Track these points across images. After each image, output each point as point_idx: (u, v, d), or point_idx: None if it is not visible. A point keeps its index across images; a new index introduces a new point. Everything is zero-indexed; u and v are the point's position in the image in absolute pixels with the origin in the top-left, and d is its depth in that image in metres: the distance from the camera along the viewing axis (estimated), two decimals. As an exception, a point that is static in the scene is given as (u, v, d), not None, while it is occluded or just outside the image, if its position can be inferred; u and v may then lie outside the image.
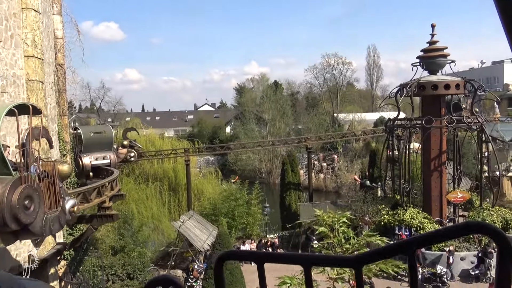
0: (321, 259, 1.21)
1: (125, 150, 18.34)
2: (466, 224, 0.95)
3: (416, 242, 0.98)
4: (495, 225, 1.00)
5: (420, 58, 21.83)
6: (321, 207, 23.80)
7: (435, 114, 20.85)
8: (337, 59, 64.44)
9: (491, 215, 19.66)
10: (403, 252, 0.99)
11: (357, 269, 1.04)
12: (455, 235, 0.96)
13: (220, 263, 1.15)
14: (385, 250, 1.03)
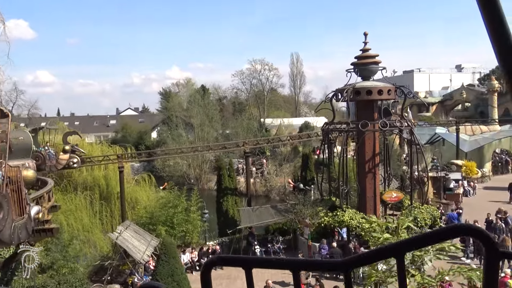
0: (309, 263, 1.22)
1: (67, 155, 16.79)
2: (455, 227, 0.99)
3: (405, 246, 1.01)
4: (482, 228, 0.97)
5: (354, 65, 22.70)
6: (261, 212, 23.86)
7: (369, 118, 21.77)
8: (264, 65, 65.44)
9: (421, 213, 20.90)
10: (393, 255, 1.01)
11: (346, 273, 1.05)
12: (444, 237, 0.99)
13: (208, 269, 1.14)
14: (374, 254, 1.04)
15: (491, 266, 0.97)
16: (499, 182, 36.38)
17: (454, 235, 0.99)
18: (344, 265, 1.05)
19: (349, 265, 1.04)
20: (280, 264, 1.15)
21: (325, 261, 1.16)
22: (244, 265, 1.15)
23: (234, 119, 61.75)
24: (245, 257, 1.19)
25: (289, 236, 23.67)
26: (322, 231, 21.55)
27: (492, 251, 0.96)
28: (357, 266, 1.06)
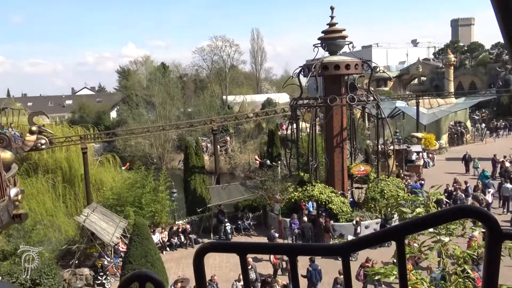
0: (306, 248, 1.18)
1: (34, 137, 15.80)
2: (457, 208, 0.96)
3: (406, 229, 1.00)
4: (485, 209, 0.93)
5: (321, 39, 22.62)
6: (231, 189, 23.74)
7: (337, 93, 21.88)
8: (225, 41, 64.40)
9: (388, 185, 21.45)
10: (393, 239, 1.00)
11: (345, 256, 1.05)
12: (446, 219, 0.97)
13: (200, 257, 1.12)
14: (374, 237, 1.03)
15: (493, 247, 0.96)
16: (455, 153, 37.93)
17: (455, 216, 0.97)
18: (343, 249, 1.04)
19: (348, 249, 1.04)
20: (277, 250, 1.15)
21: (323, 245, 1.17)
22: (239, 251, 1.11)
23: (196, 97, 60.79)
24: (239, 243, 1.14)
25: (259, 212, 23.76)
26: (292, 206, 21.75)
27: (495, 233, 0.95)
28: (357, 250, 1.05)
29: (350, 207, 20.77)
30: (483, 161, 31.31)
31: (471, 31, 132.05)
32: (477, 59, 68.07)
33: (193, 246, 21.18)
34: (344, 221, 20.14)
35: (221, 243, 1.19)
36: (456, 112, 41.52)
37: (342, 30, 22.51)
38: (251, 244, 1.20)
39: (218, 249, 1.17)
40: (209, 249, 1.13)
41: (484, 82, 63.90)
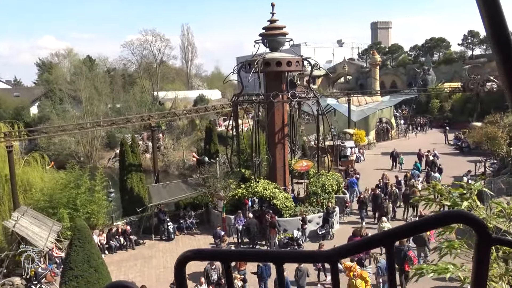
0: (293, 255, 1.14)
1: None
2: (446, 214, 0.98)
3: (395, 235, 0.99)
4: (474, 214, 0.95)
5: (262, 36, 22.65)
6: (172, 187, 23.07)
7: (278, 89, 22.07)
8: (155, 35, 62.54)
9: (328, 180, 22.04)
10: (382, 245, 0.99)
11: (333, 263, 1.04)
12: (435, 225, 0.98)
13: (182, 265, 1.08)
14: (363, 243, 1.03)
15: (483, 253, 0.96)
16: (382, 149, 40.11)
17: (445, 222, 0.97)
18: (331, 256, 1.02)
19: (336, 255, 1.02)
20: (262, 257, 1.10)
21: (311, 252, 1.11)
22: (223, 259, 1.07)
23: (125, 93, 58.44)
24: (223, 251, 1.10)
25: (201, 210, 23.36)
26: (236, 203, 21.63)
27: (484, 237, 0.95)
28: (345, 256, 1.03)
29: (293, 203, 21.08)
30: (408, 155, 33.48)
31: (389, 34, 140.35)
32: (397, 60, 72.51)
33: (134, 248, 20.32)
34: (288, 216, 20.39)
35: (205, 250, 1.13)
36: (382, 109, 43.88)
37: (283, 27, 22.71)
38: (236, 251, 1.16)
39: (201, 257, 1.12)
40: (191, 257, 1.08)
41: (403, 82, 68.20)
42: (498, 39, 0.91)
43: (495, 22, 0.91)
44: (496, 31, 0.91)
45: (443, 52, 67.55)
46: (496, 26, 0.91)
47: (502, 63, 0.92)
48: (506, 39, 0.91)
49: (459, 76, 62.54)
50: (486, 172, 26.23)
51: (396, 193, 22.56)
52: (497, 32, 0.91)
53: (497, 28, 0.91)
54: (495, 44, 0.93)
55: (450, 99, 54.27)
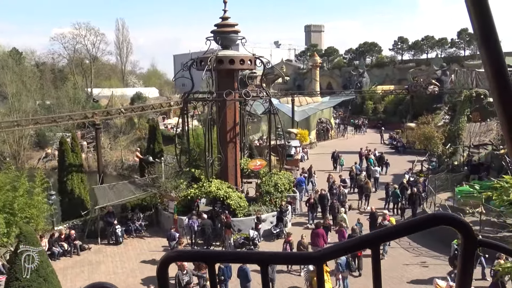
0: (279, 257, 1.12)
1: None
2: (432, 216, 0.97)
3: (381, 237, 1.00)
4: (460, 216, 0.96)
5: (214, 33, 22.25)
6: (119, 188, 21.97)
7: (230, 87, 21.79)
8: (89, 29, 59.45)
9: (280, 179, 22.13)
10: (368, 247, 1.00)
11: (319, 265, 1.05)
12: (421, 228, 0.98)
13: (165, 266, 1.05)
14: (349, 245, 1.03)
15: (468, 255, 0.96)
16: (323, 148, 41.23)
17: (431, 225, 0.97)
18: (317, 258, 1.02)
19: (323, 257, 1.02)
20: (247, 259, 1.08)
21: (297, 253, 1.11)
22: (207, 260, 1.05)
23: (56, 89, 54.94)
24: (208, 252, 1.07)
25: (150, 211, 22.46)
26: (188, 204, 21.05)
27: (470, 240, 0.96)
28: (332, 258, 1.02)
29: (247, 202, 20.90)
30: (348, 154, 34.68)
31: (321, 37, 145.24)
32: (333, 63, 75.10)
33: (79, 254, 19.03)
34: (242, 216, 20.18)
35: (188, 251, 1.12)
36: (323, 110, 45.09)
37: (235, 24, 22.47)
38: (220, 252, 1.15)
39: (185, 257, 1.11)
40: (175, 258, 1.05)
41: (339, 84, 70.71)
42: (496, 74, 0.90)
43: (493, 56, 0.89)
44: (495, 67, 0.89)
45: (375, 56, 70.91)
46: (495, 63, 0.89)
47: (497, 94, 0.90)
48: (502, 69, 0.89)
49: (390, 79, 66.10)
50: (423, 170, 27.79)
51: (345, 193, 23.07)
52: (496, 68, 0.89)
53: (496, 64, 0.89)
54: (492, 78, 0.90)
55: (383, 101, 57.06)
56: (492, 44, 0.89)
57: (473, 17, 0.89)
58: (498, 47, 0.89)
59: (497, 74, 0.90)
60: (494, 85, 0.90)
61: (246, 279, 14.02)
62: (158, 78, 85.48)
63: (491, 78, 0.90)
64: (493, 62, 0.89)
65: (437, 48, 65.10)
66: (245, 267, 14.05)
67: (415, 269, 16.37)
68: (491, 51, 0.89)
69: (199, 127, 29.79)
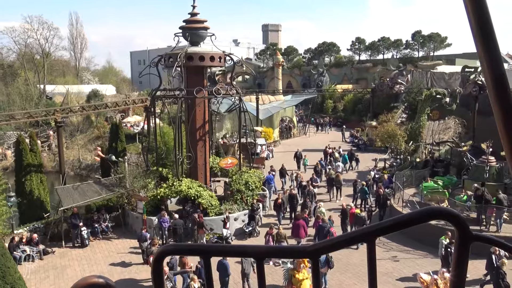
0: (274, 251, 1.14)
1: None
2: (428, 210, 0.99)
3: (377, 231, 1.00)
4: (455, 211, 0.99)
5: (183, 29, 21.79)
6: (84, 189, 21.08)
7: (200, 85, 21.42)
8: (42, 23, 56.73)
9: (251, 177, 22.03)
10: (364, 241, 1.01)
11: (314, 259, 1.04)
12: (417, 222, 0.99)
13: (160, 260, 1.06)
14: (345, 240, 1.03)
15: (462, 249, 0.97)
16: (286, 146, 41.49)
17: (427, 219, 0.97)
18: (312, 252, 1.02)
19: (318, 251, 1.03)
20: (243, 252, 1.09)
21: (292, 247, 1.11)
22: (203, 254, 1.06)
23: (5, 85, 52.07)
24: (203, 245, 1.11)
25: (116, 212, 21.70)
26: (157, 204, 20.52)
27: (464, 234, 0.96)
28: (326, 252, 1.03)
29: (218, 201, 20.63)
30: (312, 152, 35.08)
31: (278, 36, 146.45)
32: (293, 62, 75.72)
33: (42, 258, 18.06)
34: (214, 215, 19.89)
35: (184, 245, 1.11)
36: (285, 108, 45.37)
37: (204, 20, 22.11)
38: (216, 246, 1.19)
39: (180, 251, 1.10)
40: (171, 252, 1.06)
41: (298, 82, 71.49)
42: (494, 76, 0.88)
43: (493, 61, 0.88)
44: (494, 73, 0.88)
45: (333, 56, 72.20)
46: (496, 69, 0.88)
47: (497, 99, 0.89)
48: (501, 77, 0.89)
49: (348, 79, 67.56)
50: (386, 167, 28.55)
51: (314, 193, 22.98)
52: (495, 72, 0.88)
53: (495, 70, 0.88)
54: (491, 81, 0.89)
55: (342, 100, 58.19)
56: (492, 46, 0.87)
57: (471, 17, 0.87)
58: (497, 49, 0.88)
59: (496, 80, 0.87)
60: (494, 92, 0.88)
61: (225, 272, 13.87)
62: (115, 75, 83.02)
63: (491, 83, 0.88)
64: (493, 67, 0.87)
65: (392, 49, 67.10)
66: (225, 261, 13.89)
67: (387, 264, 16.72)
68: (491, 54, 0.87)
69: (164, 125, 29.12)
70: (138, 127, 49.87)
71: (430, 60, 60.91)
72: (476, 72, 25.42)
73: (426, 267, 15.68)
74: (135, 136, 41.17)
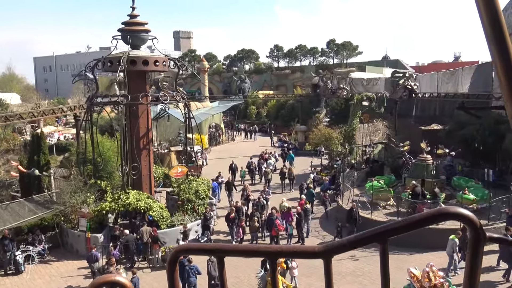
0: (286, 251, 1.14)
1: None
2: (441, 211, 0.99)
3: (390, 231, 1.00)
4: (470, 212, 1.00)
5: (122, 31, 20.46)
6: (14, 208, 18.79)
7: (142, 90, 20.26)
8: None
9: (200, 185, 21.24)
10: (376, 241, 1.01)
11: (327, 260, 1.05)
12: (430, 222, 0.99)
13: (175, 260, 1.08)
14: (357, 240, 1.03)
15: (477, 249, 0.98)
16: (217, 153, 40.99)
17: (440, 219, 0.99)
18: (325, 253, 1.03)
19: (330, 252, 1.03)
20: (256, 253, 1.12)
21: (305, 248, 1.11)
22: (217, 254, 1.09)
23: None
24: (217, 245, 1.13)
25: (52, 232, 19.60)
26: (101, 220, 18.92)
27: (478, 235, 0.97)
28: (339, 252, 1.04)
29: (169, 212, 19.57)
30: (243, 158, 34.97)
31: (190, 43, 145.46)
32: (212, 68, 75.36)
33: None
34: (166, 228, 18.82)
35: (197, 245, 1.19)
36: (213, 115, 44.85)
37: (145, 23, 20.98)
38: (229, 246, 1.19)
39: (194, 251, 1.12)
40: (185, 252, 1.09)
41: (219, 89, 71.32)
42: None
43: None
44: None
45: (253, 62, 73.19)
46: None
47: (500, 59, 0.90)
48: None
49: (268, 85, 68.90)
50: (323, 170, 29.38)
51: (263, 204, 22.18)
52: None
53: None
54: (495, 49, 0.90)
55: (265, 106, 59.08)
56: (503, 42, 0.88)
57: (483, 15, 0.86)
58: (508, 44, 0.88)
59: (508, 72, 0.88)
60: (506, 83, 0.88)
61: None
62: (18, 83, 76.05)
63: (504, 76, 0.88)
64: (505, 61, 0.88)
65: (309, 56, 69.78)
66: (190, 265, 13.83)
67: (348, 263, 17.05)
68: (502, 50, 0.87)
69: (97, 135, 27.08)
70: (53, 138, 46.07)
71: (344, 67, 64.30)
72: (404, 77, 27.32)
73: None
74: (52, 147, 37.90)
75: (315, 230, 20.84)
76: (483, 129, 26.38)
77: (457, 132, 27.46)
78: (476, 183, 21.48)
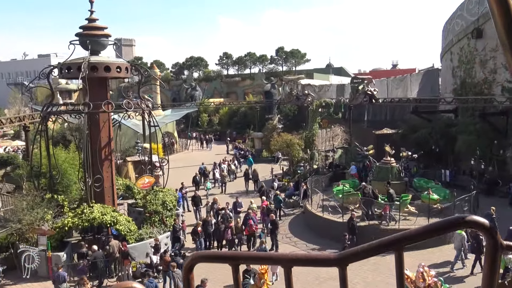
0: (302, 258, 1.13)
1: None
2: (457, 219, 0.99)
3: (406, 239, 0.99)
4: (487, 221, 0.99)
5: (81, 36, 19.33)
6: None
7: (103, 98, 19.24)
8: None
9: (167, 196, 20.43)
10: (393, 248, 1.01)
11: (342, 268, 1.05)
12: (446, 230, 0.99)
13: (191, 268, 1.10)
14: (373, 247, 1.03)
15: (493, 257, 0.97)
16: (172, 163, 39.79)
17: (456, 227, 0.99)
18: (340, 261, 1.03)
19: (346, 260, 1.03)
20: (271, 260, 1.14)
21: (321, 255, 1.11)
22: (232, 262, 1.10)
23: None
24: (231, 253, 1.17)
25: (6, 253, 17.98)
26: (62, 237, 17.62)
27: (496, 243, 0.96)
28: (354, 260, 1.03)
29: (136, 226, 18.59)
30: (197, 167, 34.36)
31: (133, 51, 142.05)
32: (160, 76, 73.81)
33: None
34: (134, 242, 17.85)
35: (214, 252, 1.44)
36: (167, 123, 43.76)
37: (105, 27, 19.96)
38: (244, 254, 1.23)
39: (209, 259, 1.13)
40: (199, 260, 1.10)
41: (168, 97, 69.83)
42: None
43: None
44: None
45: (202, 70, 72.50)
46: None
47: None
48: None
49: (219, 92, 68.47)
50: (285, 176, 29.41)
51: (229, 216, 21.46)
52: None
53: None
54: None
55: (217, 113, 58.60)
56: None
57: (498, 23, 0.86)
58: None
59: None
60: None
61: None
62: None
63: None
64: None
65: (258, 64, 70.22)
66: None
67: (323, 268, 17.02)
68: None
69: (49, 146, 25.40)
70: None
71: (293, 74, 65.31)
72: (364, 83, 28.04)
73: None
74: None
75: (286, 237, 20.68)
76: (434, 132, 27.70)
77: (411, 135, 28.62)
78: (436, 184, 22.36)
